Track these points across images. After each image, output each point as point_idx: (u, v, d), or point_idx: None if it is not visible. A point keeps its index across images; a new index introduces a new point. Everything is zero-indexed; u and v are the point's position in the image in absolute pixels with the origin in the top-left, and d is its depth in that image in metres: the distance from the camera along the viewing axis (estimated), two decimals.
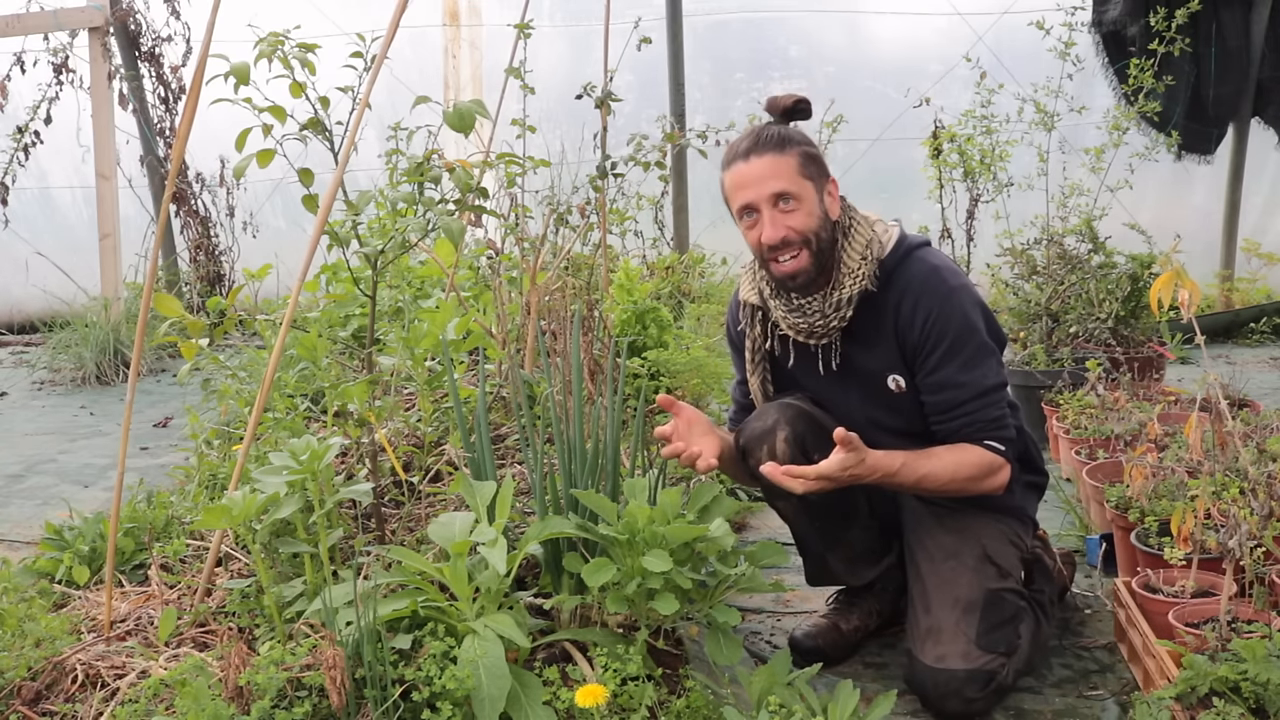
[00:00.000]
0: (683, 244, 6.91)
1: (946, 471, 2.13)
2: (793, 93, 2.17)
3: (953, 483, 2.14)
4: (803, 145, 2.12)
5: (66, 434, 4.81)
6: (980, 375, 2.15)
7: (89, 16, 6.65)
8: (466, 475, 2.16)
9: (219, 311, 2.61)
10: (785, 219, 2.09)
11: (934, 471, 2.12)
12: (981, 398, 2.14)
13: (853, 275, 2.14)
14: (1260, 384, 4.88)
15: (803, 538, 2.37)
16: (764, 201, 2.09)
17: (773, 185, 2.08)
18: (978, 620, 2.09)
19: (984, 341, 2.16)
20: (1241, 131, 6.51)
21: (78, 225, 7.76)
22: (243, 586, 2.19)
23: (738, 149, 2.13)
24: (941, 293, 2.13)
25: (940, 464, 2.13)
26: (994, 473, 2.16)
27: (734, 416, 2.45)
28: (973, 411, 2.14)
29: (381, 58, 2.21)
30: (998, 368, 2.20)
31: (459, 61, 7.19)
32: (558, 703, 1.77)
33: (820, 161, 2.16)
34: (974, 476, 2.14)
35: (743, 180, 2.11)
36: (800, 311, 2.19)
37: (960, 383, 2.13)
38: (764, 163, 2.08)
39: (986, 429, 2.15)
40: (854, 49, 7.30)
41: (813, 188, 2.11)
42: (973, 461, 2.14)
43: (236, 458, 2.27)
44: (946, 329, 2.12)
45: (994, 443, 2.15)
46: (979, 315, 2.17)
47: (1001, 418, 2.17)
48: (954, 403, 2.14)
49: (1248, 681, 1.73)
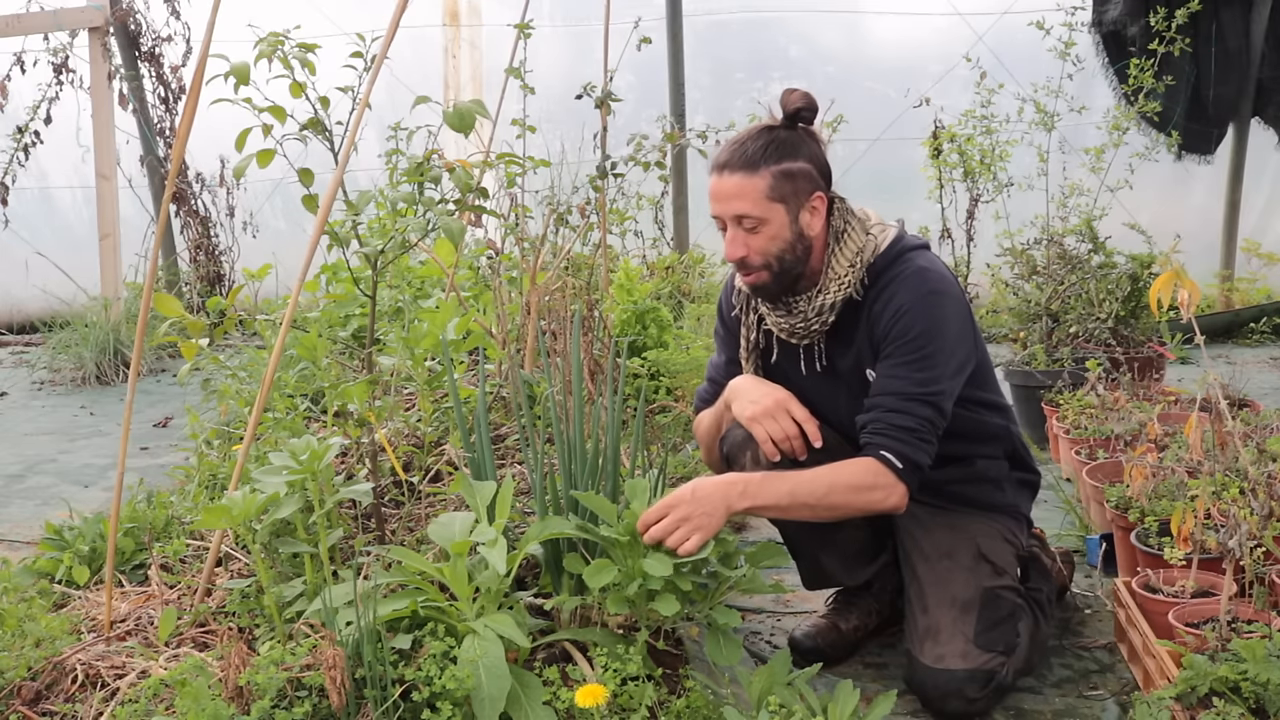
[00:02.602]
0: (683, 244, 6.91)
1: (823, 484, 2.04)
2: (805, 93, 2.12)
3: (836, 498, 2.04)
4: (782, 163, 2.07)
5: (66, 434, 4.81)
6: (922, 378, 2.05)
7: (89, 16, 6.65)
8: (466, 475, 2.16)
9: (219, 311, 2.61)
10: (747, 239, 2.10)
11: (807, 489, 2.03)
12: (905, 401, 2.05)
13: (839, 281, 2.14)
14: (1260, 384, 4.88)
15: (794, 539, 2.37)
16: (728, 219, 2.11)
17: (736, 206, 2.08)
18: (975, 619, 2.09)
19: (942, 348, 2.07)
20: (1241, 131, 6.50)
21: (78, 225, 7.75)
22: (243, 586, 2.19)
23: (718, 158, 2.12)
24: (919, 292, 2.09)
25: (817, 480, 2.04)
26: (884, 486, 2.04)
27: (709, 394, 2.42)
28: (887, 410, 2.06)
29: (381, 58, 2.21)
30: (946, 377, 2.08)
31: (459, 61, 7.19)
32: (558, 703, 1.77)
33: (800, 177, 2.08)
34: (859, 489, 2.04)
35: (714, 193, 2.12)
36: (786, 310, 2.20)
37: (897, 377, 2.07)
38: (733, 181, 2.08)
39: (887, 436, 2.05)
40: (854, 49, 7.29)
41: (783, 210, 2.08)
42: (857, 473, 2.04)
43: (236, 458, 2.27)
44: (911, 325, 2.07)
45: (891, 456, 2.04)
46: (951, 321, 2.10)
47: (914, 430, 2.04)
48: (876, 391, 2.10)
49: (1248, 681, 1.73)
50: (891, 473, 2.05)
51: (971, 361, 2.17)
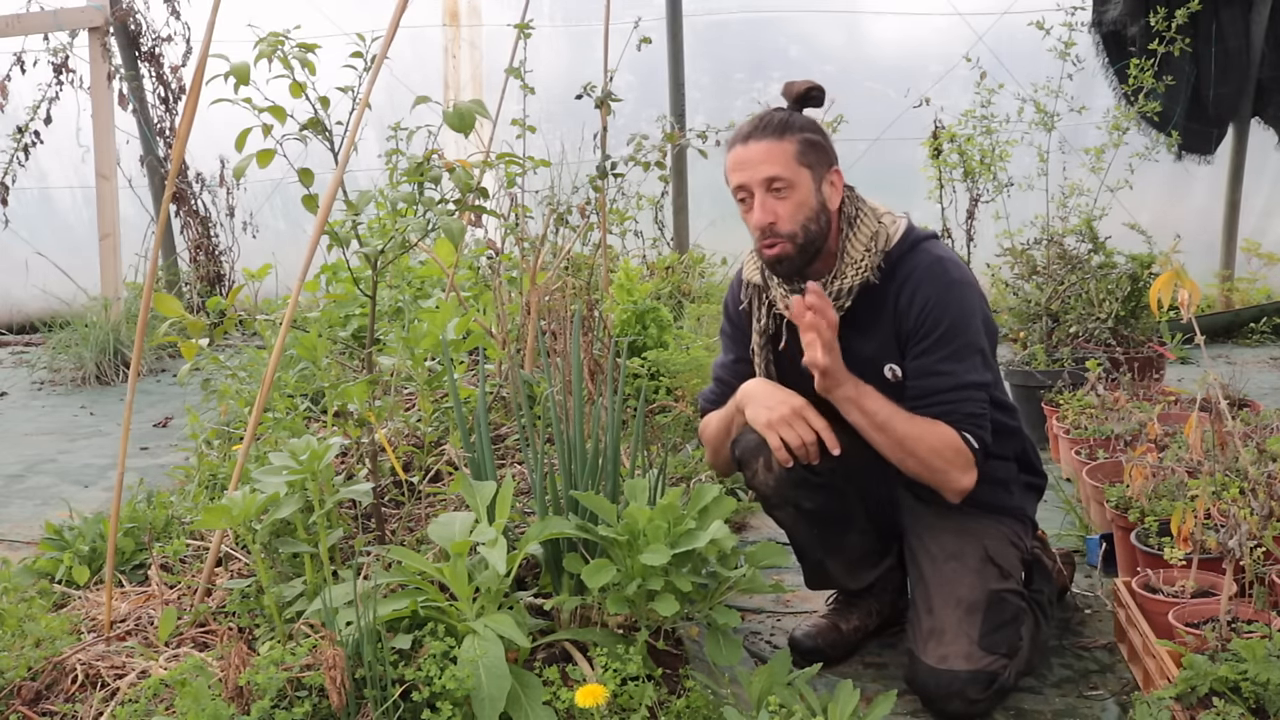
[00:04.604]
0: (683, 244, 6.91)
1: (911, 431, 2.07)
2: (809, 79, 2.17)
3: (917, 447, 2.08)
4: (805, 132, 2.12)
5: (66, 434, 4.81)
6: (964, 369, 2.12)
7: (89, 16, 6.65)
8: (466, 475, 2.16)
9: (219, 311, 2.61)
10: (775, 205, 2.10)
11: (898, 424, 2.07)
12: (961, 390, 2.11)
13: (855, 266, 2.15)
14: (1260, 384, 4.88)
15: (801, 545, 2.37)
16: (756, 185, 2.10)
17: (766, 170, 2.09)
18: (980, 621, 2.09)
19: (975, 339, 2.14)
20: (1241, 131, 6.50)
21: (78, 225, 7.75)
22: (243, 586, 2.19)
23: (740, 131, 2.14)
24: (943, 282, 2.12)
25: (910, 422, 2.08)
26: (962, 464, 2.09)
27: (716, 394, 2.41)
28: (951, 401, 2.11)
29: (381, 58, 2.21)
30: (982, 368, 2.14)
31: (459, 61, 7.19)
32: (558, 703, 1.77)
33: (823, 149, 2.15)
34: (941, 455, 2.08)
35: (739, 162, 2.12)
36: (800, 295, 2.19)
37: (943, 371, 2.11)
38: (761, 147, 2.09)
39: (964, 421, 2.10)
40: (854, 49, 7.29)
41: (809, 175, 2.11)
42: (946, 440, 2.08)
43: (236, 458, 2.27)
44: (941, 317, 2.11)
45: (970, 437, 2.11)
46: (976, 312, 2.15)
47: (980, 415, 2.12)
48: (934, 389, 2.12)
49: (1248, 681, 1.73)
50: (971, 455, 2.10)
51: (993, 353, 2.23)
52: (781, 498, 2.23)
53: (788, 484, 2.20)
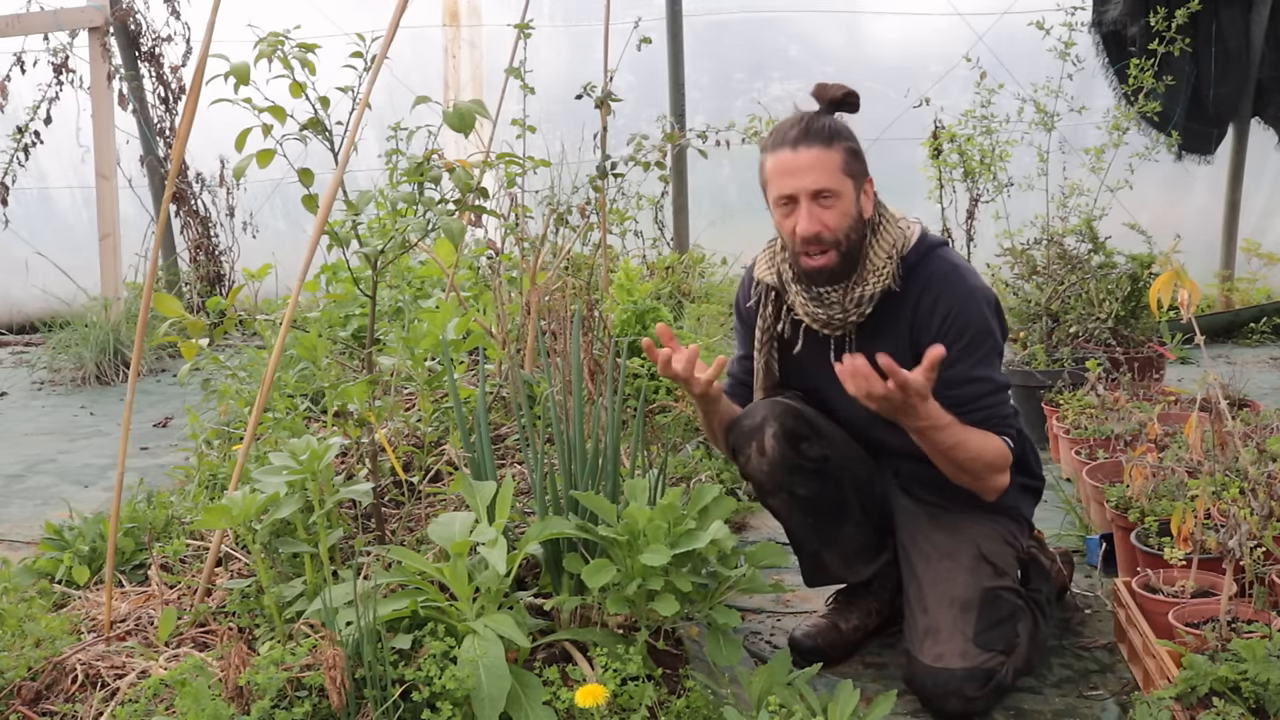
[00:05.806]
0: (683, 244, 6.91)
1: (974, 447, 2.10)
2: (844, 85, 2.15)
3: (974, 463, 2.12)
4: (849, 141, 2.12)
5: (66, 434, 4.81)
6: (994, 373, 2.17)
7: (89, 16, 6.65)
8: (466, 475, 2.16)
9: (219, 311, 2.61)
10: (822, 214, 2.09)
11: (966, 442, 2.09)
12: (997, 394, 2.16)
13: (877, 273, 2.16)
14: (1260, 384, 4.88)
15: (797, 535, 2.37)
16: (804, 194, 2.08)
17: (816, 180, 2.07)
18: (975, 619, 2.09)
19: (997, 343, 2.19)
20: (1241, 131, 6.50)
21: (78, 226, 7.75)
22: (243, 586, 2.19)
23: (786, 135, 2.10)
24: (962, 291, 2.15)
25: (973, 438, 2.11)
26: (1004, 467, 2.15)
27: (730, 390, 2.43)
28: (991, 406, 2.15)
29: (381, 58, 2.21)
30: (1003, 370, 2.23)
31: (459, 61, 7.19)
32: (558, 703, 1.78)
33: (862, 158, 2.15)
34: (992, 464, 2.13)
35: (787, 168, 2.09)
36: (820, 301, 2.19)
37: (978, 378, 2.14)
38: (811, 155, 2.07)
39: (1001, 425, 2.15)
40: (853, 49, 7.30)
41: (852, 186, 2.11)
42: (996, 449, 2.13)
43: (236, 458, 2.27)
44: (966, 326, 2.13)
45: (1009, 439, 2.16)
46: (994, 316, 2.19)
47: (1011, 416, 2.19)
48: (974, 396, 2.14)
49: (1248, 681, 1.73)
50: (1011, 457, 2.16)
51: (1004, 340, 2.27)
52: (775, 484, 2.23)
53: (781, 469, 2.20)
